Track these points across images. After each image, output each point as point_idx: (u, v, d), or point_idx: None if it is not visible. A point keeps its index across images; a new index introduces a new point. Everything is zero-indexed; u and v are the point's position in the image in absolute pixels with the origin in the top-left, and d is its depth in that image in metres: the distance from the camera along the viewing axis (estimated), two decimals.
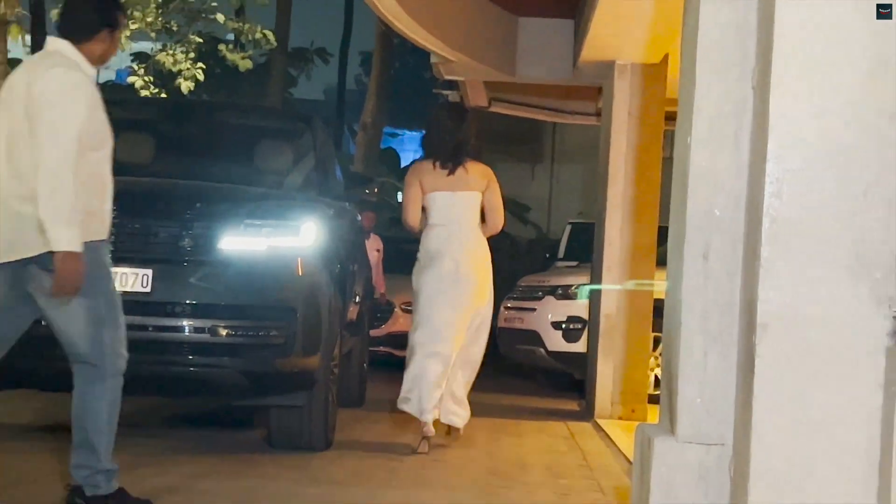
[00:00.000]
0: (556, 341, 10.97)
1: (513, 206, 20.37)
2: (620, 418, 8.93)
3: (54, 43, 4.56)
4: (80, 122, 4.30)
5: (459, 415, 7.06)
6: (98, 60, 4.59)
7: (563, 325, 10.91)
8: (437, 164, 6.77)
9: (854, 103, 3.36)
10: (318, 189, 7.14)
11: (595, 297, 9.50)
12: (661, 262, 5.64)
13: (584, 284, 10.42)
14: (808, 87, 3.37)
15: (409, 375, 6.68)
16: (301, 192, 6.98)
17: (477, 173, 6.82)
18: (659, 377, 6.94)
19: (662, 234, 6.22)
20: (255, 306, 5.89)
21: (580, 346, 10.54)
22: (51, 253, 4.22)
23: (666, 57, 9.02)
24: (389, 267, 12.19)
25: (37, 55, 4.73)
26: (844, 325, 3.31)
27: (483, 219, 6.92)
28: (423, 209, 6.87)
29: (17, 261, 4.34)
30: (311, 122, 7.72)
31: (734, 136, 3.66)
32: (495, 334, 10.96)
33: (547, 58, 10.61)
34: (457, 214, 6.75)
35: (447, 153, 6.74)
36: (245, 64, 16.46)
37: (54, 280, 4.23)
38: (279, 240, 6.01)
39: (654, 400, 8.68)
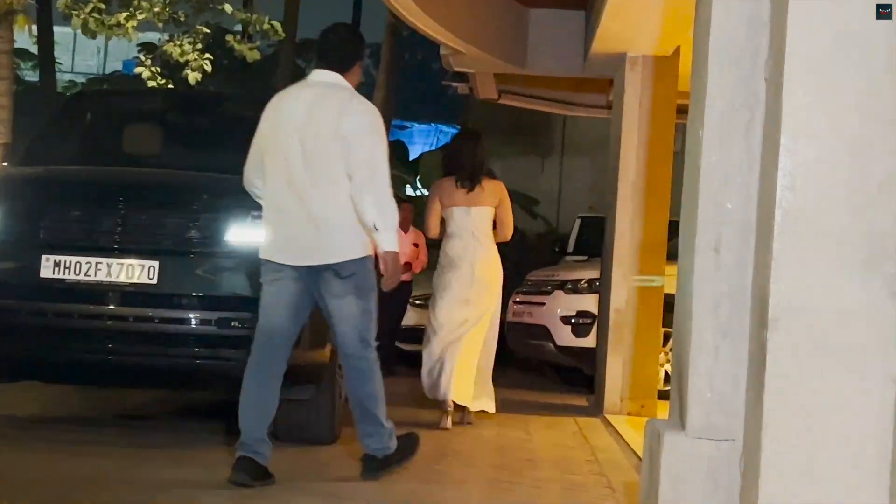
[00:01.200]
0: (565, 336, 10.96)
1: (522, 200, 20.34)
2: (630, 414, 8.92)
3: (328, 75, 5.30)
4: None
5: (482, 399, 7.84)
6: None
7: (573, 320, 10.91)
8: (458, 182, 7.75)
9: (868, 97, 3.37)
10: None
11: (605, 292, 9.50)
12: (672, 256, 5.65)
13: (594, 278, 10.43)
14: (821, 79, 3.38)
15: (430, 363, 7.66)
16: None
17: (490, 190, 7.79)
18: (669, 373, 6.95)
19: (673, 228, 6.25)
20: None
21: (589, 341, 10.53)
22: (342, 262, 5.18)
23: (678, 49, 9.02)
24: None
25: (312, 83, 5.35)
26: (856, 319, 3.33)
27: (495, 226, 7.86)
28: (443, 220, 7.83)
29: (315, 265, 5.19)
30: None
31: (746, 129, 3.67)
32: (504, 328, 11.00)
33: (557, 50, 10.59)
34: (472, 226, 7.72)
35: (466, 174, 7.73)
36: (253, 55, 16.44)
37: (386, 273, 5.22)
38: None
39: (664, 396, 8.70)
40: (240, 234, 5.95)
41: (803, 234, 3.35)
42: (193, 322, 5.85)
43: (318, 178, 5.17)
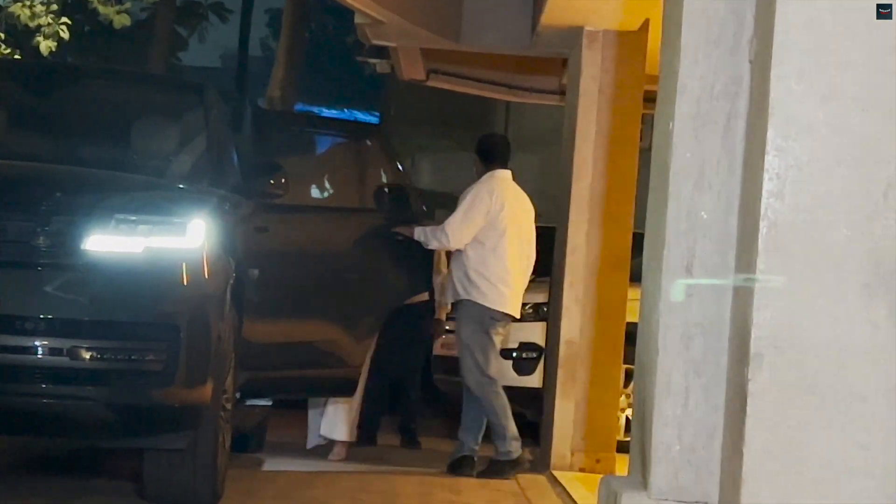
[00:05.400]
0: (504, 373, 10.94)
1: (454, 206, 20.40)
2: (582, 470, 8.95)
3: (509, 174, 8.84)
4: None
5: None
6: None
7: (514, 354, 10.92)
8: None
9: (875, 83, 3.40)
10: (210, 178, 7.12)
11: (554, 319, 9.53)
12: (636, 276, 5.67)
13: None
14: (818, 62, 3.41)
15: None
16: (188, 180, 6.96)
17: None
18: (631, 419, 6.97)
19: (638, 241, 6.28)
20: (127, 323, 5.85)
21: (534, 380, 10.57)
22: None
23: (646, 23, 9.08)
24: None
25: (507, 179, 8.82)
26: (858, 356, 3.36)
27: None
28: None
29: None
30: (203, 94, 7.70)
31: (726, 122, 3.70)
32: (430, 364, 10.98)
33: (500, 22, 10.63)
34: None
35: None
36: (121, 20, 16.36)
37: None
38: (159, 240, 5.97)
39: (624, 448, 8.74)
40: (101, 242, 5.90)
41: (794, 251, 3.38)
42: (40, 352, 5.77)
43: (529, 251, 8.75)
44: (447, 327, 10.90)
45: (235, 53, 32.16)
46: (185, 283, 6.00)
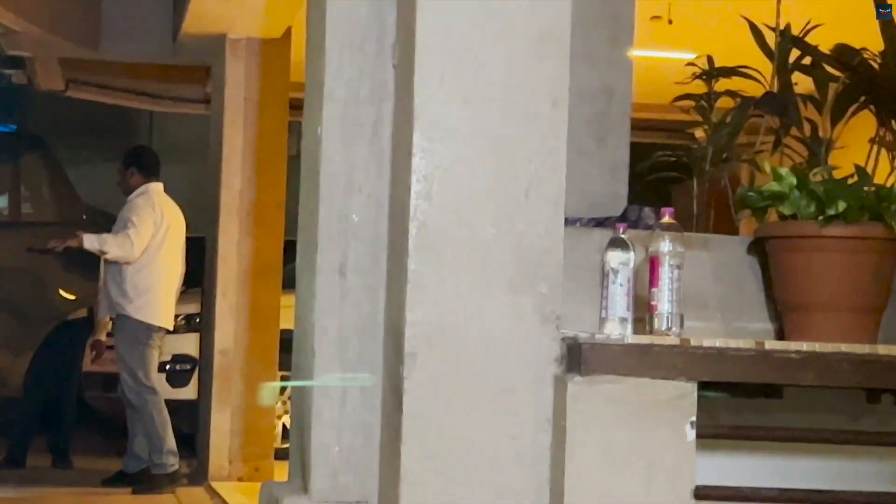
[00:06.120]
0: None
1: (99, 218, 19.89)
2: (241, 479, 8.92)
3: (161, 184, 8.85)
4: None
5: None
6: None
7: (167, 367, 10.76)
8: None
9: (513, 86, 3.51)
10: None
11: (207, 330, 9.47)
12: (290, 283, 5.68)
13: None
14: (458, 66, 3.49)
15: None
16: None
17: None
18: (289, 426, 7.00)
19: (290, 248, 6.30)
20: None
21: (190, 392, 10.46)
22: None
23: (289, 30, 9.12)
24: None
25: (162, 189, 8.82)
26: (506, 350, 3.45)
27: None
28: None
29: None
30: None
31: (373, 126, 3.75)
32: (81, 381, 10.73)
33: (140, 30, 10.47)
34: None
35: None
36: None
37: None
38: None
39: (282, 455, 8.76)
40: None
41: (443, 250, 3.44)
42: None
43: (181, 263, 8.74)
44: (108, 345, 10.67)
45: None
46: None
